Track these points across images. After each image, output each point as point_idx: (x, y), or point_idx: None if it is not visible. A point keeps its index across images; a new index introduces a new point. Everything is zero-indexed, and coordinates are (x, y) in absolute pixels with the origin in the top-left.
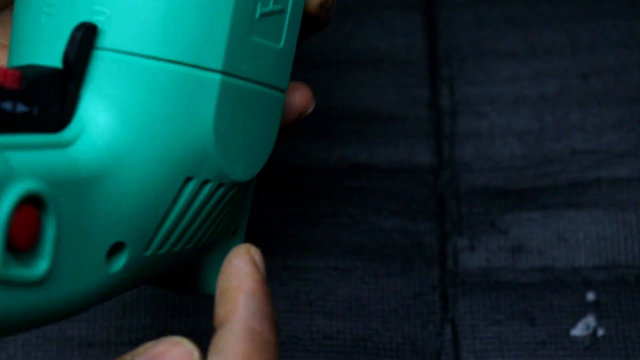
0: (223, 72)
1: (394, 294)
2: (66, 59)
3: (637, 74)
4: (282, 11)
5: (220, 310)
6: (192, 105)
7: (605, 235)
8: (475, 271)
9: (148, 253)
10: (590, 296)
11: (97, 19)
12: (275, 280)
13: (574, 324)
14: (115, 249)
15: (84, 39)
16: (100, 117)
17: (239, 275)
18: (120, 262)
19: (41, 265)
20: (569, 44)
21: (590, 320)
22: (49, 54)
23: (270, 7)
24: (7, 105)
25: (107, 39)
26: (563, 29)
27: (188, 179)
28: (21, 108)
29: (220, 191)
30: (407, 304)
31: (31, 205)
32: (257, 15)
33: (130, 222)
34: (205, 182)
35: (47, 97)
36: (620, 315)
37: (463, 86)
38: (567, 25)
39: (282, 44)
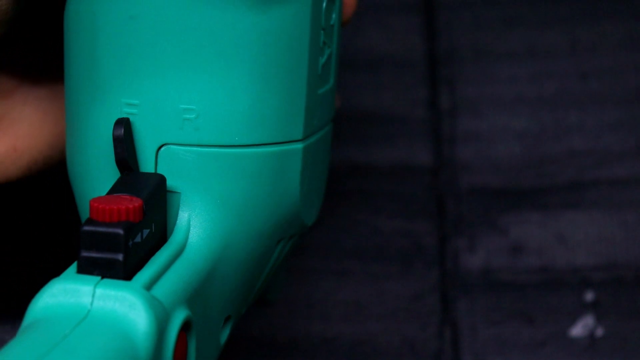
0: (303, 139)
1: (393, 296)
2: (121, 160)
3: (636, 75)
4: (331, 53)
5: None
6: (280, 177)
7: (604, 235)
8: (474, 272)
9: (243, 312)
10: (589, 296)
11: (186, 117)
12: None
13: (573, 324)
14: (224, 322)
15: (127, 135)
16: (202, 212)
17: None
18: (226, 333)
19: None
20: (568, 44)
21: (589, 320)
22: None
23: (326, 56)
24: (138, 239)
25: (199, 134)
26: (562, 30)
27: (279, 241)
28: (145, 232)
29: (296, 237)
30: (407, 306)
31: (182, 331)
32: (320, 70)
33: (237, 296)
34: (291, 237)
35: (158, 209)
36: (619, 315)
37: (462, 87)
38: (566, 26)
39: (332, 80)
